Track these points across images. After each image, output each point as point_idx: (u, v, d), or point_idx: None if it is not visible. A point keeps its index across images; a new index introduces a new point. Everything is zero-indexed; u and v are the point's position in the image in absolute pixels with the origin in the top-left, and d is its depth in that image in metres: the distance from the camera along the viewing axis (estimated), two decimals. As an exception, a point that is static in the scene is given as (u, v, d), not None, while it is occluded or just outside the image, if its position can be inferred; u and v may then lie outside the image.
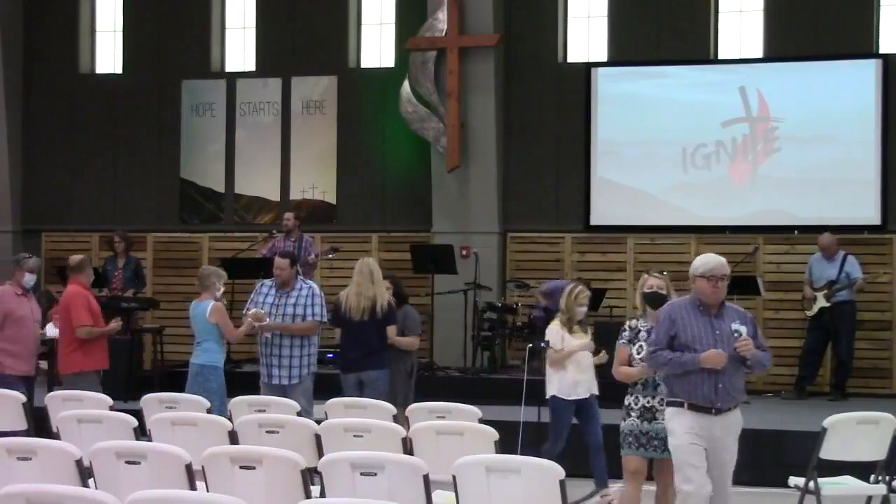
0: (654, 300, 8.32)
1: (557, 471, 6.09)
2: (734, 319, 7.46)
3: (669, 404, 7.53)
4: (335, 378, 11.10)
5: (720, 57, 15.82)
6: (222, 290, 10.94)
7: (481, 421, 8.24)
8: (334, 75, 16.80)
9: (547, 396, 10.25)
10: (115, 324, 11.25)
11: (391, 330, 10.94)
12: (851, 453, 8.35)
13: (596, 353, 10.25)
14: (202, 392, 10.00)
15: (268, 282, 10.98)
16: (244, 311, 10.86)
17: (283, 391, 10.40)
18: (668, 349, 7.42)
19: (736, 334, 7.35)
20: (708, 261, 7.48)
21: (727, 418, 7.42)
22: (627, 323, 8.50)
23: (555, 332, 10.13)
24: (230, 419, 8.45)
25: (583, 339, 10.18)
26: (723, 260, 7.50)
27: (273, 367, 10.67)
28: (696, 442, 7.36)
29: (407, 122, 16.01)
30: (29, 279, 11.04)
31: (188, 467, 6.18)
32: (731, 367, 7.35)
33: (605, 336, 13.93)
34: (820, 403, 13.60)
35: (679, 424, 7.42)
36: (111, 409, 8.72)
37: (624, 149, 15.80)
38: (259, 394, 10.23)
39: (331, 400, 9.22)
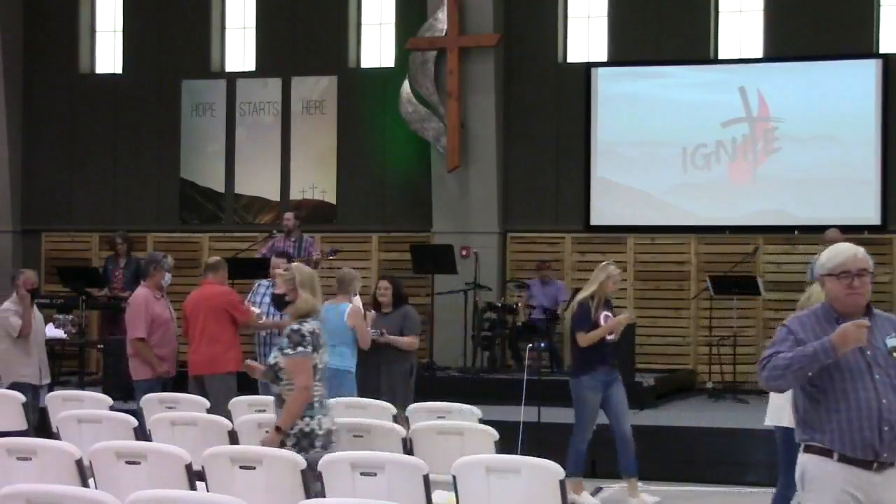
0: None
1: (557, 471, 6.11)
2: (888, 332, 5.41)
3: (808, 449, 5.25)
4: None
5: (720, 57, 15.80)
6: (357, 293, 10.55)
7: (481, 421, 8.25)
8: (334, 75, 16.79)
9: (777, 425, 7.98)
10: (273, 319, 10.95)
11: None
12: (851, 453, 8.31)
13: None
14: (333, 397, 9.74)
15: (265, 282, 10.97)
16: None
17: (281, 391, 10.37)
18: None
19: (895, 353, 5.23)
20: (838, 252, 5.41)
21: (894, 476, 5.13)
22: None
23: None
24: (230, 419, 8.45)
25: None
26: (858, 249, 5.46)
27: (269, 367, 10.64)
28: None
29: (407, 122, 16.00)
30: (167, 279, 11.03)
31: (188, 467, 6.18)
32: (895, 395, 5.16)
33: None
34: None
35: (822, 486, 5.14)
36: (111, 409, 8.73)
37: (624, 149, 15.79)
38: (259, 394, 10.22)
39: (330, 400, 9.20)
